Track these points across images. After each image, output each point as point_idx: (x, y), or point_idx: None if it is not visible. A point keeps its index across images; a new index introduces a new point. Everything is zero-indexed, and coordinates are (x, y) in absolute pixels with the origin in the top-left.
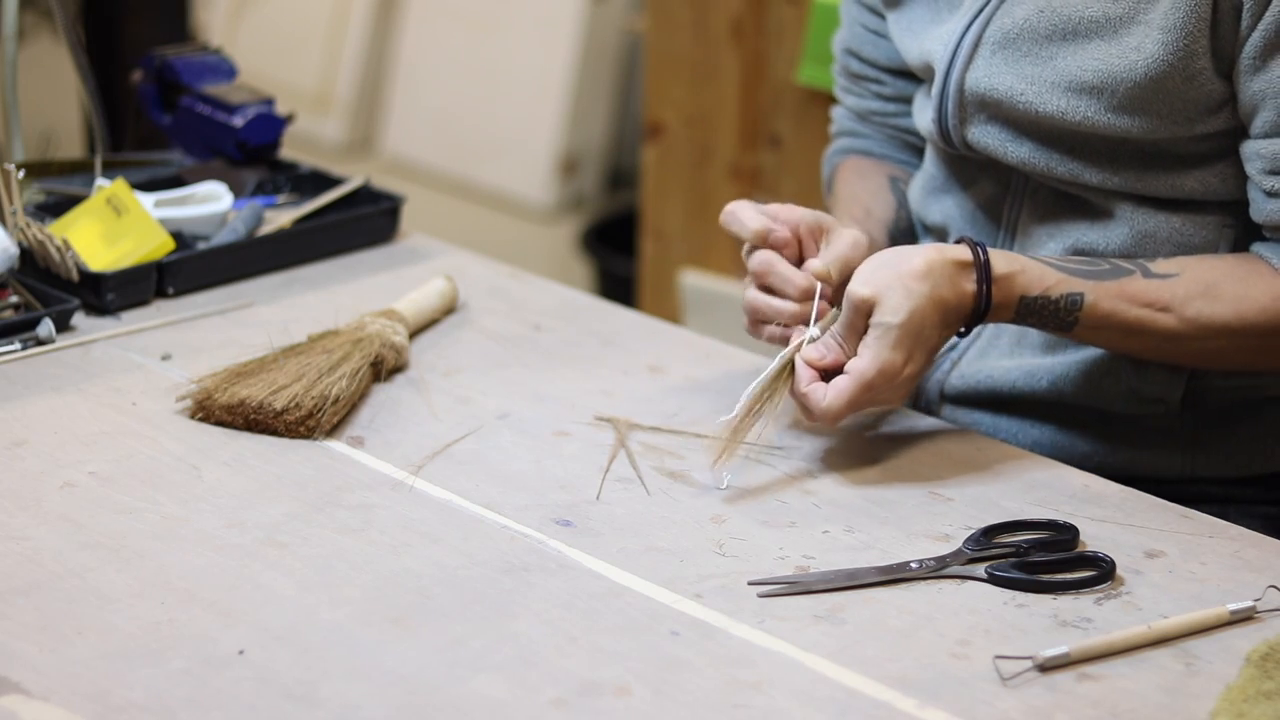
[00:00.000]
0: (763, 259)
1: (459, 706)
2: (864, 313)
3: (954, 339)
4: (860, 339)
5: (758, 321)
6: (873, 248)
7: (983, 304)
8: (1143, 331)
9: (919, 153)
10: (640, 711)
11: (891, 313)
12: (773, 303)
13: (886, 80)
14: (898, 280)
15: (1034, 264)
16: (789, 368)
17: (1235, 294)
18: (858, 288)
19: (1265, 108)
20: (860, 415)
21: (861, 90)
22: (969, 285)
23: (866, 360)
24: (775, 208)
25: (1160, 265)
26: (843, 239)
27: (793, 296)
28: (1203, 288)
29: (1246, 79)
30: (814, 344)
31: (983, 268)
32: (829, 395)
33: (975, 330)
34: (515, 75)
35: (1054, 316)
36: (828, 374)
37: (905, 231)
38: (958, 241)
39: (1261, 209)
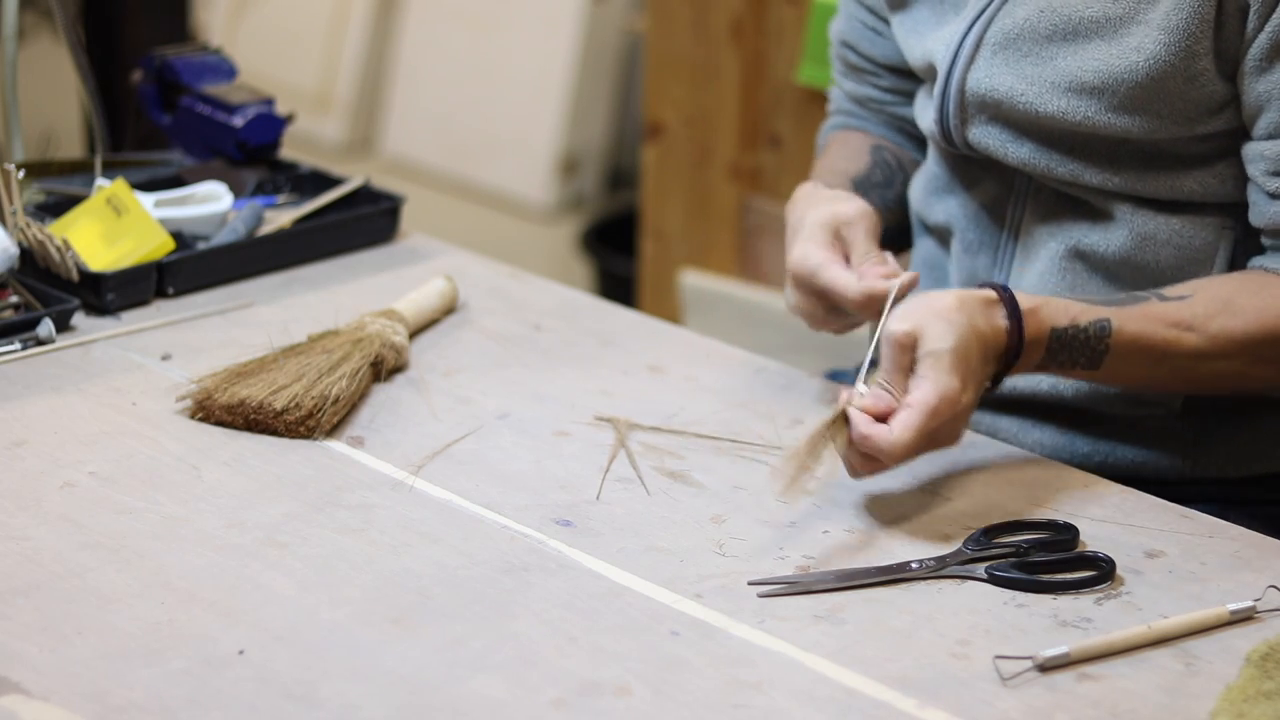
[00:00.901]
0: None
1: (459, 706)
2: (908, 348)
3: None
4: (908, 377)
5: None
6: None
7: (1016, 340)
8: (1170, 354)
9: (915, 140)
10: (640, 711)
11: (939, 339)
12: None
13: (884, 75)
14: (934, 314)
15: (1054, 299)
16: (838, 422)
17: (1254, 306)
18: (896, 325)
19: (1270, 109)
20: (917, 463)
21: (859, 80)
22: (1001, 320)
23: (926, 388)
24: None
25: (1172, 290)
26: (858, 235)
27: (852, 306)
28: (1220, 305)
29: (1251, 80)
30: (861, 397)
31: (1010, 303)
32: (895, 429)
33: None
34: (515, 75)
35: (1085, 346)
36: (882, 421)
37: (877, 185)
38: (979, 286)
39: (1264, 212)
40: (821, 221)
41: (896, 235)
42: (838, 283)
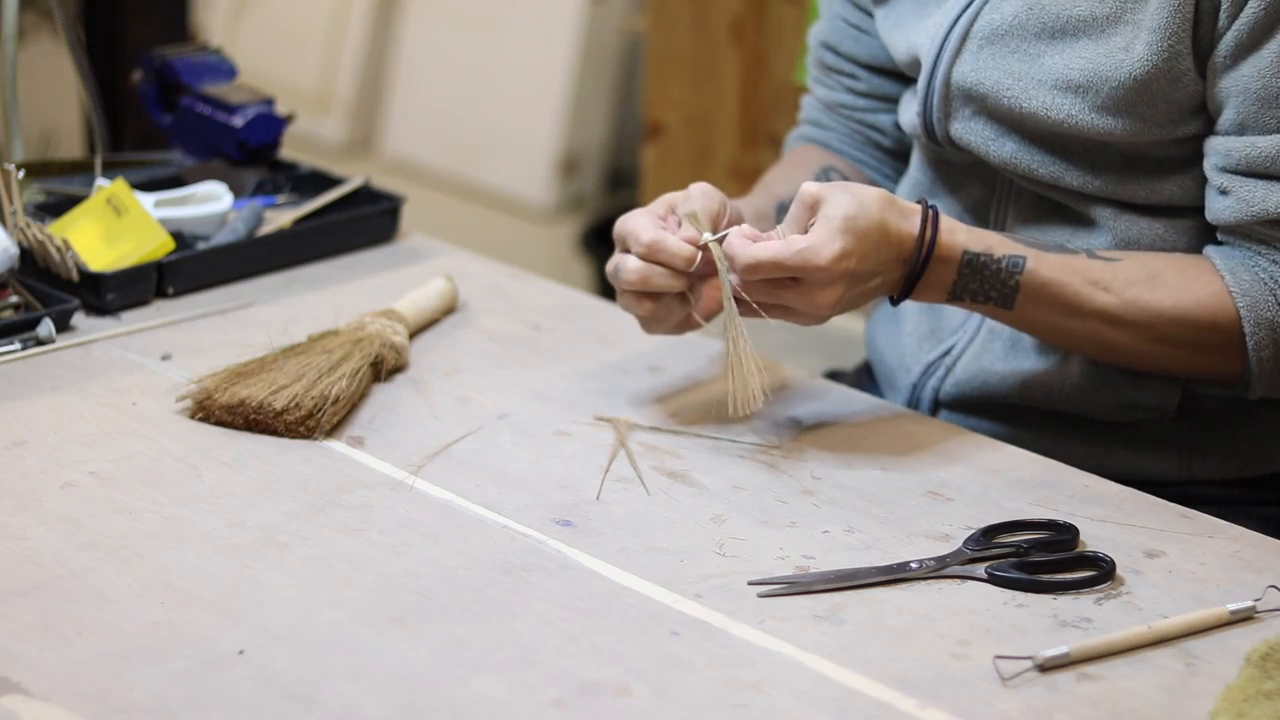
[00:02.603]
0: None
1: (459, 706)
2: (810, 208)
3: (943, 347)
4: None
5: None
6: (738, 216)
7: (925, 248)
8: (1081, 310)
9: (881, 150)
10: (640, 711)
11: (837, 206)
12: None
13: (860, 75)
14: (848, 190)
15: (977, 229)
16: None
17: (1175, 284)
18: (809, 187)
19: (1228, 105)
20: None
21: (833, 83)
22: (911, 226)
23: (803, 238)
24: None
25: (1106, 252)
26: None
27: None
28: (1145, 275)
29: (1216, 77)
30: (750, 229)
31: (931, 217)
32: (755, 245)
33: (968, 334)
34: (515, 75)
35: (996, 279)
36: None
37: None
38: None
39: (1211, 207)
40: (663, 199)
41: None
42: (655, 236)
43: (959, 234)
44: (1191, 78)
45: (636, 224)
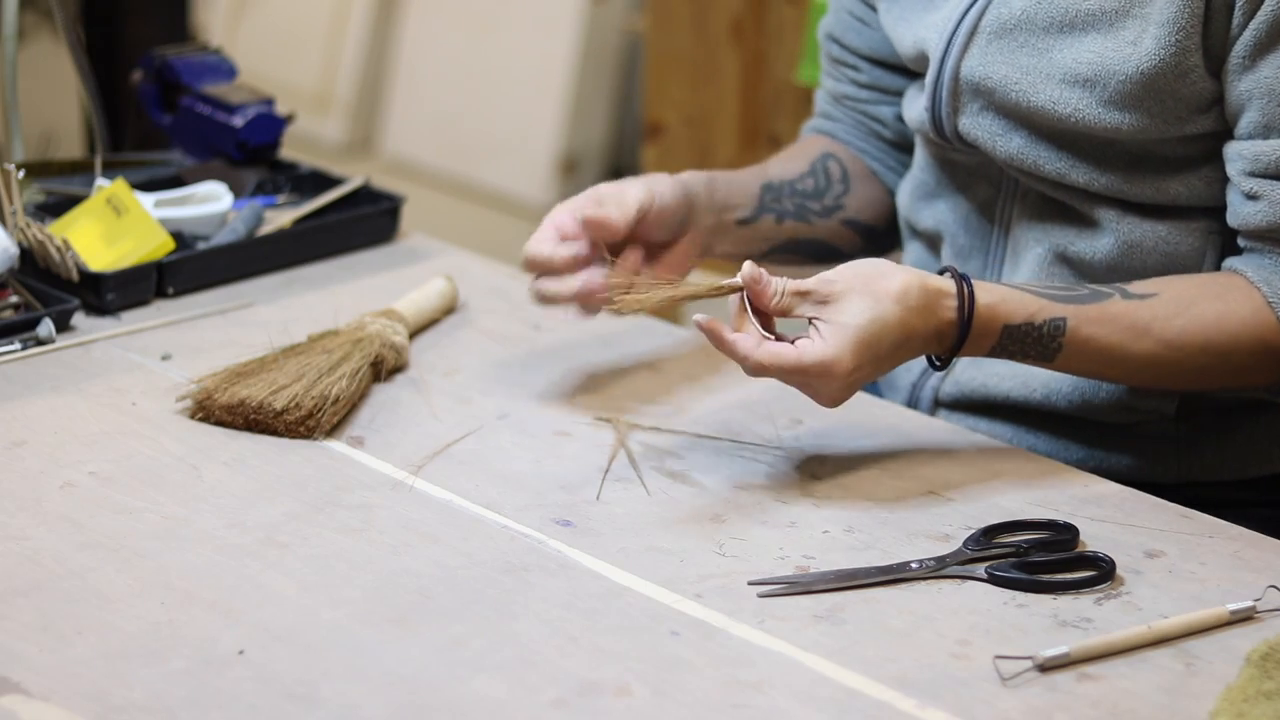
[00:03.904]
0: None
1: (459, 706)
2: (818, 303)
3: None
4: (791, 313)
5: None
6: (672, 199)
7: (962, 331)
8: (1125, 359)
9: (885, 143)
10: (640, 711)
11: (852, 315)
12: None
13: (863, 68)
14: (867, 289)
15: (1014, 292)
16: (727, 293)
17: (1215, 310)
18: (826, 276)
19: (1251, 108)
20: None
21: (839, 75)
22: (947, 313)
23: (812, 348)
24: (567, 223)
25: (1137, 287)
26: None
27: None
28: (1183, 306)
29: (1235, 78)
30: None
31: (966, 298)
32: (763, 351)
33: None
34: (515, 75)
35: (1038, 344)
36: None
37: (799, 194)
38: (940, 272)
39: (1238, 212)
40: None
41: (805, 246)
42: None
43: (998, 307)
44: (1200, 74)
45: (537, 240)
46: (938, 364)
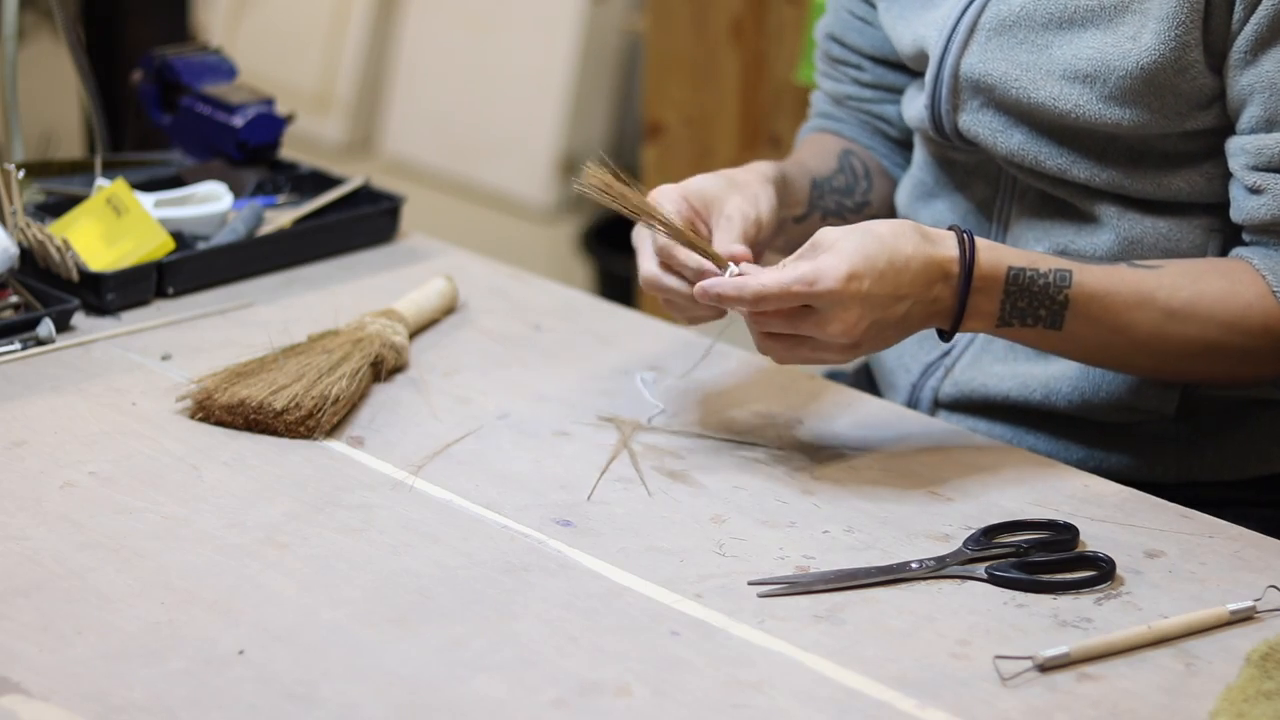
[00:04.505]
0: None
1: (459, 706)
2: (817, 245)
3: (943, 347)
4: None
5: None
6: (768, 206)
7: (967, 265)
8: (1131, 324)
9: (890, 141)
10: (640, 711)
11: (848, 240)
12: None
13: (866, 67)
14: (860, 228)
15: (1017, 249)
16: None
17: (1221, 287)
18: (825, 232)
19: (1253, 102)
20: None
21: (840, 75)
22: (944, 250)
23: (810, 263)
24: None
25: (1145, 261)
26: (733, 217)
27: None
28: (1189, 279)
29: (1236, 73)
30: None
31: (966, 239)
32: (762, 275)
33: (967, 335)
34: (515, 75)
35: (1044, 295)
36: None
37: (837, 190)
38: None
39: (1242, 206)
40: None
41: None
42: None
43: (998, 248)
44: (1200, 69)
45: (641, 263)
46: (944, 332)
